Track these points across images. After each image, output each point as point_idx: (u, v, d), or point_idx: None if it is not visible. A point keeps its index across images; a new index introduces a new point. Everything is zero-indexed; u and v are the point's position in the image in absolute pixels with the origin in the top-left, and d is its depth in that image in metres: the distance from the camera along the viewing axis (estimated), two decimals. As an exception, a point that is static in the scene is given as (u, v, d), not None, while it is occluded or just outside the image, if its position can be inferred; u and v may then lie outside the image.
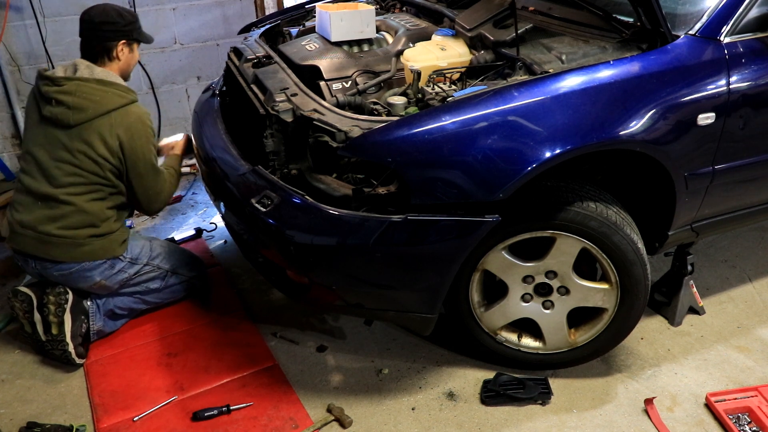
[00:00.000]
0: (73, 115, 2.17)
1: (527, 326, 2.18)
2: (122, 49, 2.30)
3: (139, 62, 3.22)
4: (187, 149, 2.66)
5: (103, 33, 2.25)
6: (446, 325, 2.28)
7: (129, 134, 2.21)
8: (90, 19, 2.26)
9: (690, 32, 1.99)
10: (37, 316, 2.28)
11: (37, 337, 2.30)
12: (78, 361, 2.30)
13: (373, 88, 2.25)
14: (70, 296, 2.30)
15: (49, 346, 2.28)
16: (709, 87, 1.94)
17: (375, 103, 2.10)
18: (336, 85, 2.25)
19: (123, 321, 2.50)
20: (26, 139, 2.31)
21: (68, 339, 2.26)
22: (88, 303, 2.37)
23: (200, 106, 2.72)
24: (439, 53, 2.25)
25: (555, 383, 2.17)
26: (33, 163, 2.25)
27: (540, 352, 2.19)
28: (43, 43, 3.41)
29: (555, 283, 2.07)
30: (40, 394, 2.22)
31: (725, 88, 1.95)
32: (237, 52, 2.65)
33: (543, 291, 2.10)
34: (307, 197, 1.88)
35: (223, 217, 2.34)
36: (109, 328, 2.45)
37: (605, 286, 2.06)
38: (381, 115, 2.01)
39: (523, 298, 2.10)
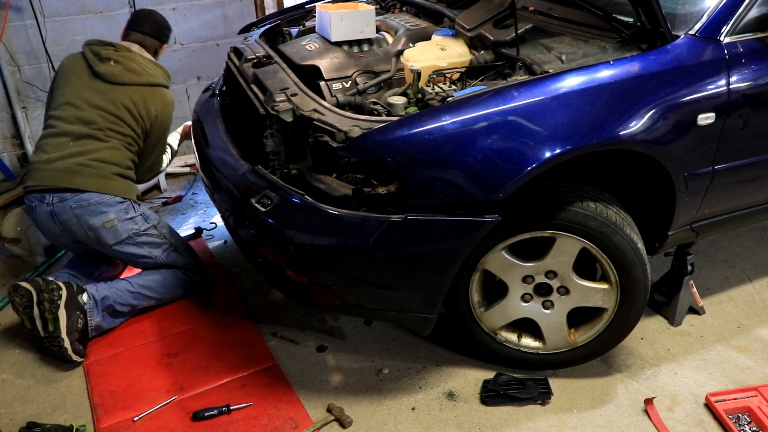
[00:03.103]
0: (128, 75, 2.51)
1: (527, 326, 2.18)
2: (163, 50, 2.77)
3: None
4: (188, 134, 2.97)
5: (162, 33, 2.74)
6: (446, 325, 2.28)
7: (164, 110, 2.59)
8: (154, 19, 2.74)
9: (690, 32, 1.99)
10: (36, 311, 2.28)
11: (37, 332, 2.30)
12: (74, 357, 2.30)
13: (373, 88, 2.25)
14: (64, 292, 2.30)
15: (47, 342, 2.29)
16: (709, 87, 1.94)
17: (375, 103, 2.10)
18: (336, 85, 2.25)
19: (122, 319, 2.51)
20: (63, 94, 2.51)
21: (63, 335, 2.26)
22: (85, 299, 2.37)
23: (200, 106, 2.72)
24: (439, 53, 2.25)
25: (555, 383, 2.17)
26: (71, 111, 2.46)
27: (540, 352, 2.19)
28: (43, 43, 3.41)
29: (555, 283, 2.07)
30: (40, 394, 2.23)
31: (725, 88, 1.95)
32: (237, 52, 2.65)
33: (543, 291, 2.10)
34: (307, 197, 1.88)
35: (223, 217, 2.34)
36: (108, 324, 2.45)
37: (605, 286, 2.06)
38: (381, 115, 2.01)
39: (523, 298, 2.11)
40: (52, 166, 2.38)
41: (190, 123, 2.96)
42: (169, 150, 2.86)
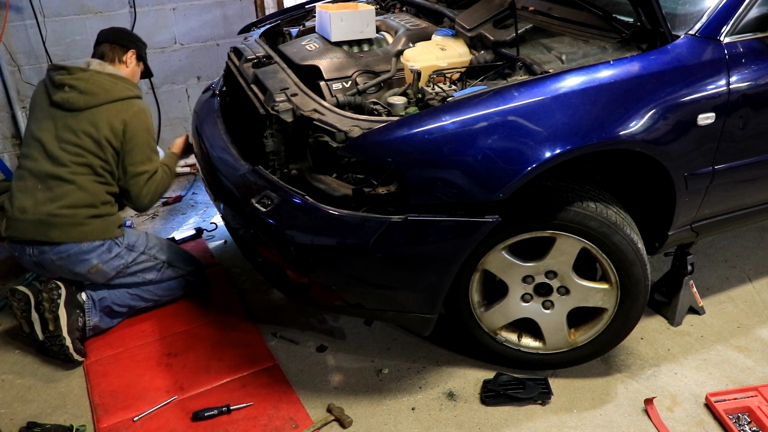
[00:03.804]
0: (84, 99, 2.32)
1: (527, 326, 2.18)
2: (131, 57, 2.54)
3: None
4: (186, 150, 2.74)
5: (121, 38, 2.54)
6: (446, 325, 2.27)
7: (132, 122, 2.35)
8: (111, 29, 2.59)
9: (690, 32, 1.99)
10: (34, 315, 2.28)
11: (35, 336, 2.30)
12: (76, 356, 2.30)
13: (373, 88, 2.25)
14: (63, 291, 2.30)
15: (48, 343, 2.29)
16: (709, 87, 1.94)
17: (375, 103, 2.10)
18: (336, 85, 2.25)
19: (120, 319, 2.51)
20: (30, 128, 2.40)
21: (65, 333, 2.26)
22: (83, 297, 2.37)
23: (200, 106, 2.72)
24: (439, 53, 2.25)
25: (555, 383, 2.17)
26: (37, 147, 2.34)
27: (540, 352, 2.19)
28: (43, 43, 3.41)
29: (555, 283, 2.07)
30: (40, 394, 2.23)
31: (725, 88, 1.95)
32: (237, 52, 2.65)
33: (543, 291, 2.10)
34: (307, 197, 1.88)
35: (223, 217, 2.34)
36: (106, 324, 2.45)
37: (605, 286, 2.06)
38: (381, 115, 2.01)
39: (523, 298, 2.11)
40: (26, 218, 2.28)
41: (180, 140, 2.77)
42: (167, 169, 2.56)
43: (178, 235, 3.19)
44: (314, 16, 2.96)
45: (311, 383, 2.22)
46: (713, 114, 1.95)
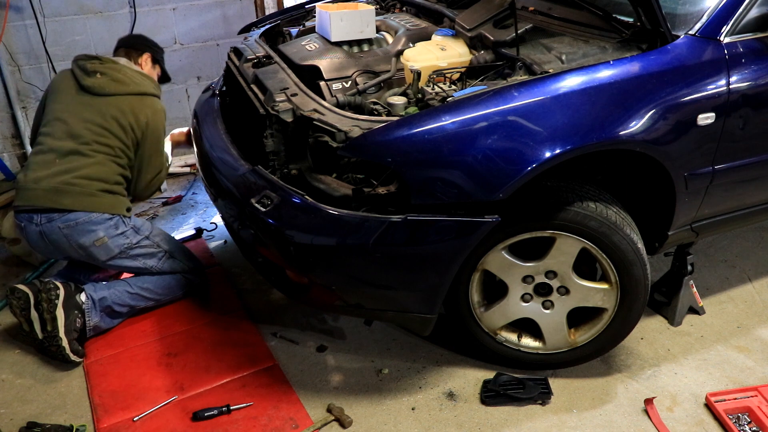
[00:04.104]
0: (114, 86, 2.49)
1: (527, 326, 2.18)
2: (146, 60, 2.70)
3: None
4: (188, 141, 2.90)
5: (137, 42, 2.73)
6: (446, 325, 2.28)
7: (155, 118, 2.54)
8: (136, 35, 2.81)
9: (690, 32, 1.99)
10: (33, 314, 2.28)
11: (35, 335, 2.30)
12: (73, 357, 2.30)
13: (373, 88, 2.25)
14: (61, 291, 2.30)
15: (46, 343, 2.29)
16: (709, 87, 1.94)
17: (375, 103, 2.10)
18: (336, 85, 2.25)
19: (120, 319, 2.51)
20: (53, 110, 2.50)
21: (62, 334, 2.26)
22: (83, 298, 2.37)
23: (200, 106, 2.72)
24: (439, 53, 2.24)
25: (555, 383, 2.17)
26: (60, 126, 2.45)
27: (540, 352, 2.19)
28: (43, 43, 3.41)
29: (555, 283, 2.07)
30: (40, 394, 2.23)
31: (725, 88, 1.95)
32: (237, 52, 2.65)
33: (543, 291, 2.10)
34: (307, 197, 1.88)
35: (223, 217, 2.34)
36: (106, 324, 2.45)
37: (605, 286, 2.06)
38: (381, 115, 2.01)
39: (523, 298, 2.11)
40: (39, 186, 2.35)
41: (178, 131, 2.95)
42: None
43: (178, 235, 3.19)
44: (314, 16, 2.96)
45: (311, 383, 2.22)
46: (713, 114, 1.95)
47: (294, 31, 2.87)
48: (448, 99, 1.90)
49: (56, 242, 2.38)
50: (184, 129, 2.98)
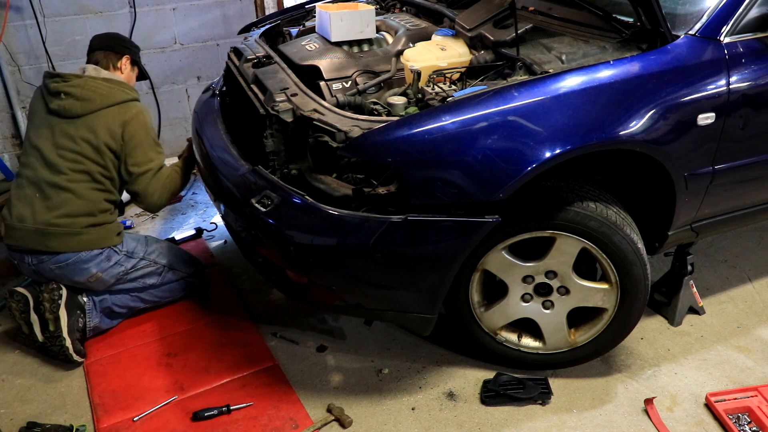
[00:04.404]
0: (81, 105, 2.31)
1: (527, 326, 2.18)
2: (126, 63, 2.52)
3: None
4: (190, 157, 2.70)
5: (115, 44, 2.51)
6: (446, 325, 2.27)
7: (131, 123, 2.35)
8: (105, 35, 2.56)
9: (690, 32, 1.99)
10: (33, 317, 2.28)
11: (35, 337, 2.30)
12: (76, 357, 2.30)
13: (373, 88, 2.25)
14: (64, 292, 2.30)
15: (48, 343, 2.29)
16: (709, 87, 1.94)
17: (375, 103, 2.10)
18: (336, 85, 2.25)
19: (120, 319, 2.51)
20: (29, 136, 2.39)
21: (65, 334, 2.26)
22: (84, 298, 2.37)
23: (200, 106, 2.72)
24: (439, 53, 2.25)
25: (555, 383, 2.17)
26: (35, 155, 2.33)
27: (540, 352, 2.19)
28: (43, 43, 3.41)
29: (555, 283, 2.07)
30: (40, 394, 2.23)
31: (725, 88, 1.95)
32: (237, 52, 2.65)
33: (543, 291, 2.10)
34: (307, 197, 1.88)
35: (223, 217, 2.34)
36: (106, 325, 2.45)
37: (605, 286, 2.06)
38: (381, 115, 2.01)
39: (523, 298, 2.11)
40: (25, 227, 2.27)
41: (181, 152, 2.74)
42: (178, 169, 2.57)
43: (178, 235, 3.19)
44: (314, 16, 2.96)
45: (311, 383, 2.22)
46: (713, 114, 1.95)
47: (294, 31, 2.87)
48: (448, 99, 1.90)
49: (52, 279, 2.34)
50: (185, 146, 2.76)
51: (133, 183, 2.39)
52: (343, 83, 2.26)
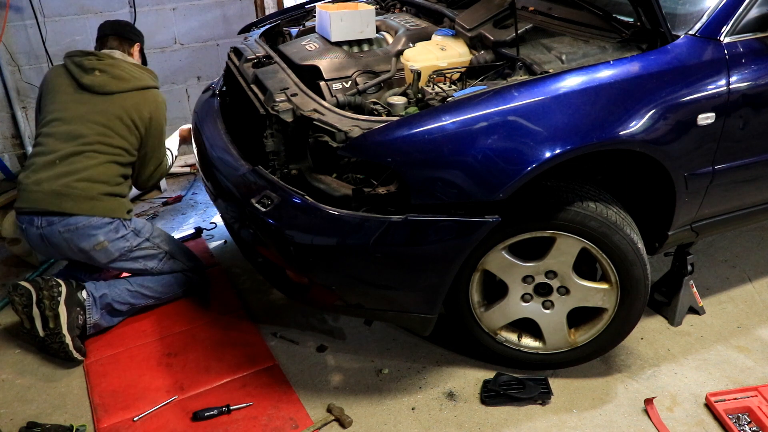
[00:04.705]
0: (116, 83, 2.47)
1: (527, 326, 2.18)
2: (136, 51, 2.68)
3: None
4: (186, 138, 2.95)
5: (128, 32, 2.65)
6: (446, 325, 2.28)
7: (157, 111, 2.55)
8: (116, 21, 2.66)
9: (690, 32, 1.99)
10: (35, 311, 2.28)
11: (36, 332, 2.30)
12: (76, 355, 2.30)
13: (373, 88, 2.25)
14: (63, 288, 2.30)
15: (48, 340, 2.29)
16: (709, 87, 1.94)
17: (375, 103, 2.10)
18: (336, 85, 2.25)
19: (120, 318, 2.51)
20: (52, 109, 2.47)
21: (65, 331, 2.27)
22: (84, 295, 2.37)
23: (200, 106, 2.72)
24: (439, 53, 2.25)
25: (555, 383, 2.17)
26: (61, 126, 2.42)
27: (540, 352, 2.19)
28: (43, 43, 3.41)
29: (555, 283, 2.07)
30: (40, 394, 2.23)
31: (725, 88, 1.95)
32: (237, 52, 2.65)
33: (543, 291, 2.10)
34: (307, 197, 1.88)
35: (223, 217, 2.34)
36: (106, 322, 2.45)
37: (605, 286, 2.06)
38: (381, 115, 2.01)
39: (523, 298, 2.11)
40: (40, 188, 2.33)
41: (187, 126, 2.94)
42: (169, 153, 2.80)
43: (178, 234, 3.19)
44: (314, 16, 2.96)
45: (311, 383, 2.22)
46: (713, 114, 1.95)
47: (294, 31, 2.87)
48: (448, 99, 1.90)
49: (57, 245, 2.37)
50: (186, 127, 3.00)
51: (140, 164, 2.56)
52: (343, 83, 2.26)
